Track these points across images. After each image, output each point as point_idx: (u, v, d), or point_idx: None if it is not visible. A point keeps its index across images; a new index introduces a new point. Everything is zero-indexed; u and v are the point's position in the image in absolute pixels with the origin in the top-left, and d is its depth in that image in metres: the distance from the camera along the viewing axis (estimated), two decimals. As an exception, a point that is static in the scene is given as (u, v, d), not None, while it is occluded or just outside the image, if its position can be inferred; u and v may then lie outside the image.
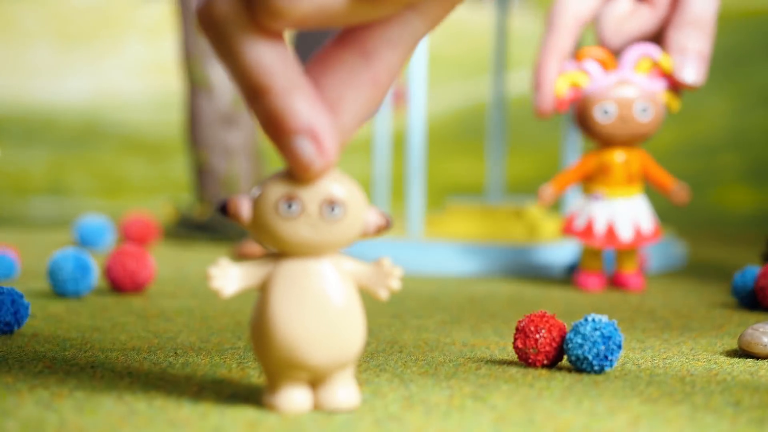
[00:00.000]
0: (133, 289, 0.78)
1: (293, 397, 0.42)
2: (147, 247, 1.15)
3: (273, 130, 0.39)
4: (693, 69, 0.84)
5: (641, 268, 0.91)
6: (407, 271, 0.94)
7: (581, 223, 0.86)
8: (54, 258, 0.75)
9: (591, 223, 0.86)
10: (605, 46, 0.89)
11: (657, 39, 0.87)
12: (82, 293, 0.75)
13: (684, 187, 0.87)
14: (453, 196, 1.35)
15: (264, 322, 0.41)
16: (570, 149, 1.08)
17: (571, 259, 0.94)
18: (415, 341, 0.60)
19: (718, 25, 0.86)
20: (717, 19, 0.86)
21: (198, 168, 1.30)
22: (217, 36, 0.39)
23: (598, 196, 0.86)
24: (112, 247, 1.12)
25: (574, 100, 0.85)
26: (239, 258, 1.05)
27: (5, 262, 0.85)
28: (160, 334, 0.61)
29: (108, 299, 0.75)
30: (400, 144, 1.12)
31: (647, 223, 0.86)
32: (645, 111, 0.84)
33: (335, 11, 0.38)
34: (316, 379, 0.42)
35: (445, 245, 0.98)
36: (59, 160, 2.59)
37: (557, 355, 0.51)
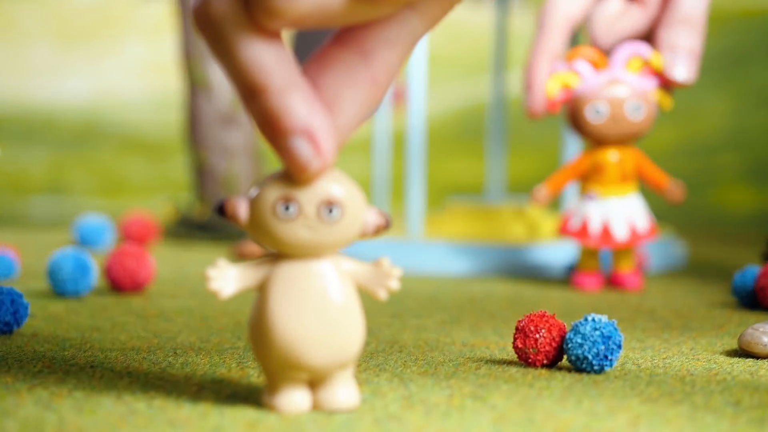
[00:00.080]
0: (133, 289, 0.78)
1: (293, 398, 0.42)
2: (147, 247, 1.15)
3: (269, 130, 0.39)
4: (684, 67, 0.83)
5: (640, 267, 0.91)
6: (407, 271, 0.94)
7: (576, 223, 0.86)
8: (54, 258, 0.75)
9: (586, 223, 0.86)
10: (596, 45, 0.89)
11: (648, 38, 0.87)
12: (81, 293, 0.75)
13: (679, 185, 0.87)
14: (453, 195, 1.35)
15: (263, 322, 0.41)
16: (569, 149, 1.08)
17: (571, 260, 0.94)
18: (415, 341, 0.60)
19: (718, 26, 0.86)
20: (713, 19, 0.86)
21: (198, 168, 1.30)
22: (214, 35, 0.38)
23: (592, 196, 0.86)
24: (112, 247, 1.12)
25: (565, 101, 0.85)
26: (239, 258, 1.05)
27: (4, 262, 0.85)
28: (159, 334, 0.61)
29: (108, 299, 0.75)
30: (400, 144, 1.12)
31: (642, 222, 0.86)
32: (637, 110, 0.84)
33: (333, 11, 0.38)
34: (315, 380, 0.42)
35: (445, 245, 0.98)
36: (59, 159, 2.59)
37: (557, 355, 0.51)
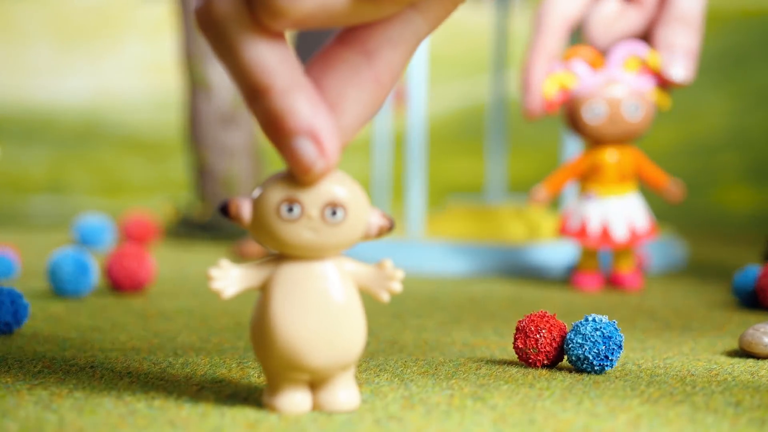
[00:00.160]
0: (133, 289, 0.78)
1: (293, 399, 0.42)
2: (147, 247, 1.15)
3: (273, 130, 0.38)
4: (681, 66, 0.83)
5: (640, 267, 0.91)
6: (407, 271, 0.94)
7: (575, 224, 0.86)
8: (54, 258, 0.75)
9: (585, 224, 0.86)
10: (593, 46, 0.89)
11: (645, 39, 0.87)
12: (81, 293, 0.75)
13: (678, 185, 0.87)
14: (453, 195, 1.35)
15: (265, 323, 0.40)
16: (569, 149, 1.08)
17: (571, 260, 0.94)
18: (415, 341, 0.60)
19: (718, 26, 0.86)
20: (712, 19, 0.86)
21: (198, 168, 1.30)
22: (217, 36, 0.38)
23: (590, 196, 0.86)
24: (112, 247, 1.12)
25: (563, 102, 0.85)
26: (239, 257, 1.05)
27: (4, 262, 0.85)
28: (159, 334, 0.61)
29: (108, 299, 0.75)
30: (400, 144, 1.12)
31: (642, 222, 0.86)
32: (634, 110, 0.84)
33: (336, 10, 0.38)
34: (316, 381, 0.41)
35: (445, 245, 0.98)
36: (59, 159, 2.59)
37: (557, 355, 0.51)
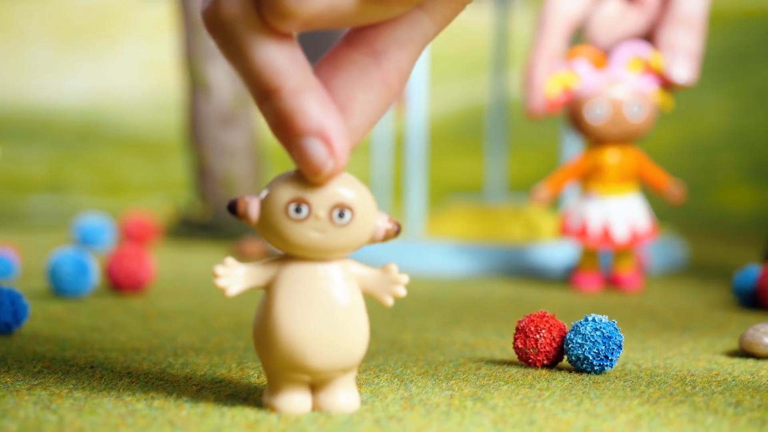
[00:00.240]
0: (133, 289, 0.77)
1: (293, 399, 0.41)
2: (147, 247, 1.15)
3: (283, 131, 0.38)
4: (684, 67, 0.83)
5: (640, 268, 0.91)
6: (407, 271, 0.93)
7: (576, 223, 0.86)
8: (54, 258, 0.75)
9: (586, 224, 0.85)
10: (596, 46, 0.89)
11: (648, 40, 0.87)
12: (81, 293, 0.75)
13: (679, 186, 0.87)
14: (454, 195, 1.35)
15: (267, 322, 0.40)
16: (569, 149, 1.08)
17: (572, 260, 0.94)
18: (415, 341, 0.60)
19: (718, 26, 0.86)
20: (713, 19, 0.86)
21: (198, 168, 1.30)
22: (225, 37, 0.38)
23: (590, 196, 0.86)
24: (112, 247, 1.12)
25: (566, 102, 0.85)
26: (239, 257, 1.05)
27: (3, 262, 0.85)
28: (159, 334, 0.61)
29: (108, 299, 0.75)
30: (400, 144, 1.12)
31: (643, 223, 0.86)
32: (637, 111, 0.84)
33: (344, 11, 0.37)
34: (317, 382, 0.41)
35: (445, 245, 0.98)
36: (59, 159, 2.59)
37: (557, 355, 0.51)
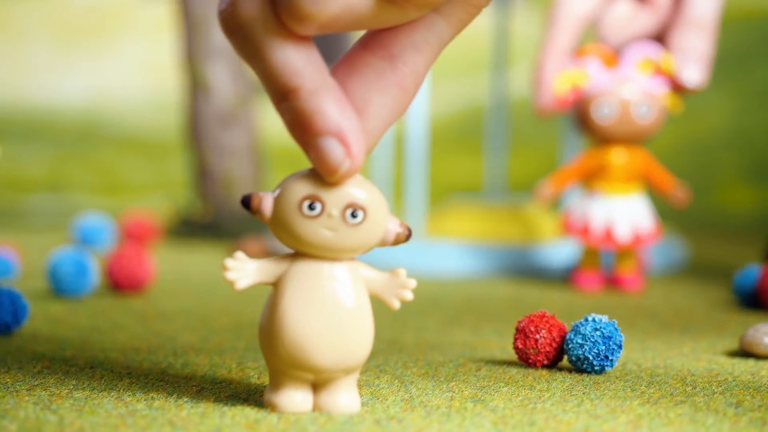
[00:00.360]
0: (133, 289, 0.77)
1: (294, 398, 0.42)
2: (147, 247, 1.15)
3: (300, 130, 0.39)
4: (695, 71, 0.83)
5: (641, 269, 0.91)
6: (407, 271, 0.93)
7: (578, 221, 0.86)
8: (53, 257, 0.75)
9: (589, 222, 0.85)
10: (606, 46, 0.89)
11: (659, 41, 0.87)
12: (81, 293, 0.75)
13: (684, 190, 0.87)
14: (454, 195, 1.35)
15: (274, 319, 0.41)
16: (569, 148, 1.08)
17: (572, 261, 0.94)
18: (416, 341, 0.60)
19: (719, 25, 0.86)
20: (719, 20, 0.85)
21: (198, 168, 1.30)
22: (243, 39, 0.38)
23: (594, 194, 0.86)
24: (112, 246, 1.12)
25: (575, 100, 0.85)
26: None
27: (2, 262, 0.85)
28: (159, 334, 0.61)
29: (108, 299, 0.75)
30: (400, 144, 1.12)
31: (646, 224, 0.86)
32: (645, 111, 0.84)
33: (361, 14, 0.38)
34: (319, 382, 0.42)
35: (445, 245, 0.97)
36: (59, 159, 2.59)
37: (557, 355, 0.51)
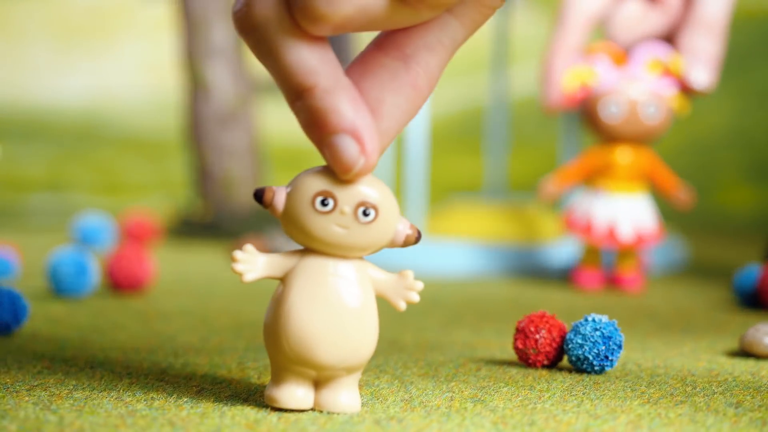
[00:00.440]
0: (133, 289, 0.77)
1: (295, 394, 0.42)
2: (147, 247, 1.15)
3: (315, 128, 0.39)
4: (704, 72, 0.83)
5: (641, 269, 0.91)
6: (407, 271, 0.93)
7: (580, 219, 0.86)
8: (54, 258, 0.75)
9: (591, 220, 0.85)
10: (617, 45, 0.89)
11: (669, 42, 0.87)
12: (81, 293, 0.75)
13: (688, 192, 0.87)
14: (454, 194, 1.35)
15: (280, 314, 0.41)
16: (569, 148, 1.08)
17: (572, 261, 0.94)
18: (416, 341, 0.60)
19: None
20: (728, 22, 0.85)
21: (198, 168, 1.30)
22: (257, 39, 0.38)
23: (597, 192, 0.86)
24: (112, 246, 1.12)
25: (583, 98, 0.85)
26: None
27: (2, 262, 0.85)
28: (159, 334, 0.61)
29: (108, 299, 0.75)
30: (401, 143, 1.12)
31: (649, 224, 0.86)
32: (653, 111, 0.83)
33: (375, 15, 0.38)
34: (321, 379, 0.42)
35: (446, 245, 0.97)
36: (59, 158, 2.59)
37: (557, 355, 0.51)
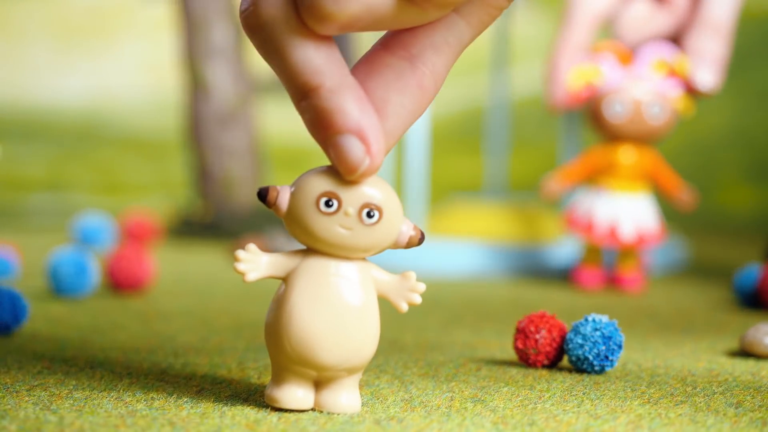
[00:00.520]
0: (133, 289, 0.77)
1: (296, 394, 0.42)
2: (147, 247, 1.15)
3: (320, 128, 0.39)
4: (709, 74, 0.83)
5: (642, 269, 0.90)
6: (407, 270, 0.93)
7: (582, 218, 0.86)
8: (54, 258, 0.75)
9: (593, 219, 0.85)
10: (623, 45, 0.89)
11: (675, 42, 0.87)
12: (81, 293, 0.75)
13: (691, 194, 0.87)
14: (455, 194, 1.35)
15: (281, 314, 0.41)
16: (569, 147, 1.08)
17: (572, 261, 0.94)
18: (416, 341, 0.60)
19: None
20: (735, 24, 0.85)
21: (198, 168, 1.30)
22: (264, 38, 0.38)
23: (599, 191, 0.85)
24: (112, 246, 1.12)
25: (588, 97, 0.85)
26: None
27: (2, 262, 0.84)
28: (159, 334, 0.61)
29: (108, 299, 0.75)
30: (401, 143, 1.12)
31: (651, 224, 0.85)
32: (657, 111, 0.83)
33: (382, 15, 0.38)
34: (322, 380, 0.42)
35: (446, 245, 0.97)
36: (59, 158, 2.59)
37: (557, 355, 0.51)
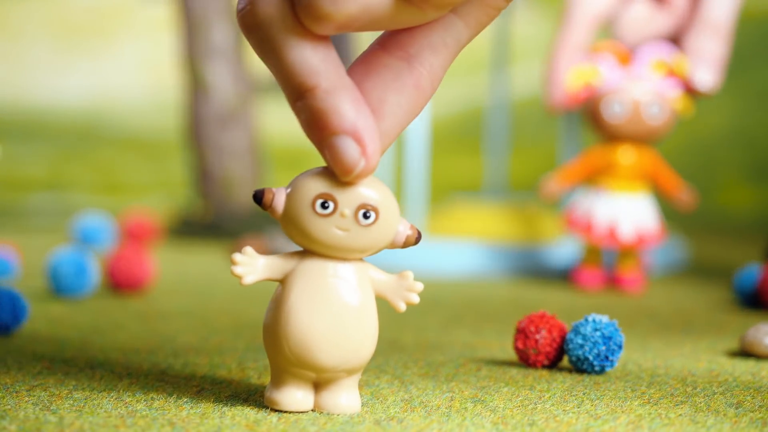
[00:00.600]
0: (133, 289, 0.77)
1: (295, 396, 0.42)
2: (147, 247, 1.15)
3: (316, 129, 0.39)
4: (708, 74, 0.83)
5: (642, 269, 0.90)
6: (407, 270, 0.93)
7: (581, 218, 0.86)
8: (54, 258, 0.75)
9: (592, 219, 0.85)
10: (623, 45, 0.89)
11: (675, 43, 0.87)
12: (81, 293, 0.75)
13: (691, 194, 0.87)
14: (455, 194, 1.35)
15: (279, 317, 0.41)
16: (569, 147, 1.08)
17: (572, 261, 0.93)
18: (416, 341, 0.60)
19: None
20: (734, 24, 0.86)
21: (198, 168, 1.30)
22: (261, 38, 0.38)
23: (599, 191, 0.85)
24: (112, 246, 1.12)
25: (586, 97, 0.85)
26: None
27: (2, 262, 0.84)
28: (159, 334, 0.61)
29: (108, 299, 0.75)
30: (401, 143, 1.12)
31: (650, 225, 0.85)
32: (656, 112, 0.83)
33: (379, 15, 0.37)
34: (321, 381, 0.42)
35: (446, 245, 0.97)
36: (59, 158, 2.59)
37: (558, 356, 0.51)
